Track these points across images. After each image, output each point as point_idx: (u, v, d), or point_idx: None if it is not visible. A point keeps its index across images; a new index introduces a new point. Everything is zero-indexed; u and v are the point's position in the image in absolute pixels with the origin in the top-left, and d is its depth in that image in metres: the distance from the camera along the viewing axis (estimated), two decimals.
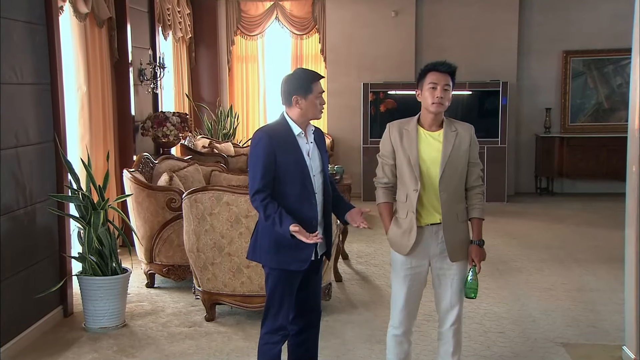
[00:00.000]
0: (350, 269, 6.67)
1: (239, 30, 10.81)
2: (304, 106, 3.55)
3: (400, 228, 3.64)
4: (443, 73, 3.55)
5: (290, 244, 3.50)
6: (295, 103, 3.55)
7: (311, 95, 3.54)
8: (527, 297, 5.76)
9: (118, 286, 5.01)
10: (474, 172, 3.68)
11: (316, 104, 3.57)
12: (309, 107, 3.56)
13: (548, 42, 10.49)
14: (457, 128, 3.63)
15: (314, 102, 3.56)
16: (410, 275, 3.66)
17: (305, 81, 3.55)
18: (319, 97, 3.59)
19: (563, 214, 9.36)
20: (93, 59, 6.63)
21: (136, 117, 7.55)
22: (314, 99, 3.55)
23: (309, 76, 3.59)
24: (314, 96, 3.55)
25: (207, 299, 5.13)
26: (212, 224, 4.89)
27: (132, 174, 5.99)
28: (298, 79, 3.57)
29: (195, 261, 5.06)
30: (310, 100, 3.55)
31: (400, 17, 10.44)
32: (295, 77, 3.59)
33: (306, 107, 3.55)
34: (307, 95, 3.54)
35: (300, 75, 3.59)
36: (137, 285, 6.07)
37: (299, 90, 3.54)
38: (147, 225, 5.89)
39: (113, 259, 5.01)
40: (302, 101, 3.54)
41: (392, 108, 10.09)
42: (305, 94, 3.54)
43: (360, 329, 5.05)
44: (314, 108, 3.58)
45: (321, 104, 3.61)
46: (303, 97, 3.54)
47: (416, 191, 3.56)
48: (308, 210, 3.58)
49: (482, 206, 3.69)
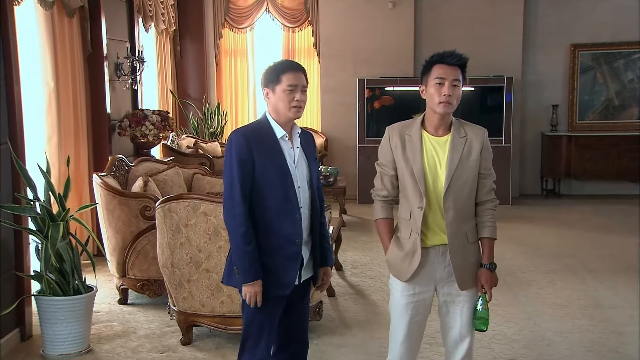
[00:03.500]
0: (344, 282, 6.15)
1: (226, 22, 10.36)
2: (273, 100, 3.11)
3: (402, 250, 3.14)
4: (452, 66, 3.03)
5: (269, 265, 3.09)
6: (266, 96, 3.14)
7: (278, 87, 3.07)
8: (540, 315, 5.23)
9: (81, 307, 4.48)
10: (486, 184, 3.17)
11: (284, 99, 3.07)
12: (278, 101, 3.10)
13: (555, 35, 10.07)
14: (467, 132, 3.12)
15: (281, 95, 3.07)
16: (412, 303, 3.16)
17: (274, 71, 3.11)
18: (292, 91, 3.07)
19: (572, 217, 8.85)
20: (62, 52, 6.09)
21: (112, 115, 7.01)
22: (281, 93, 3.07)
23: (278, 65, 3.15)
24: (281, 88, 3.07)
25: (183, 320, 4.63)
26: (188, 236, 4.41)
27: (102, 178, 5.44)
28: (269, 69, 3.15)
29: (169, 278, 4.57)
30: (278, 94, 3.08)
31: (398, 8, 9.98)
32: (268, 68, 3.16)
33: (275, 102, 3.11)
34: (275, 88, 3.09)
35: (273, 65, 3.16)
36: (108, 302, 5.54)
37: (268, 82, 3.12)
38: (119, 236, 5.37)
39: (75, 276, 4.48)
40: (271, 94, 3.12)
41: (390, 105, 9.67)
42: (273, 86, 3.09)
43: (354, 354, 4.54)
44: (282, 103, 3.08)
45: (295, 99, 3.08)
46: (272, 90, 3.11)
47: (421, 209, 3.06)
48: (290, 227, 3.12)
49: (494, 224, 3.19)
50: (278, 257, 3.12)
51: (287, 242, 3.11)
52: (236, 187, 3.04)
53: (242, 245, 3.06)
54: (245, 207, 3.04)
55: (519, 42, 10.00)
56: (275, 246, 3.12)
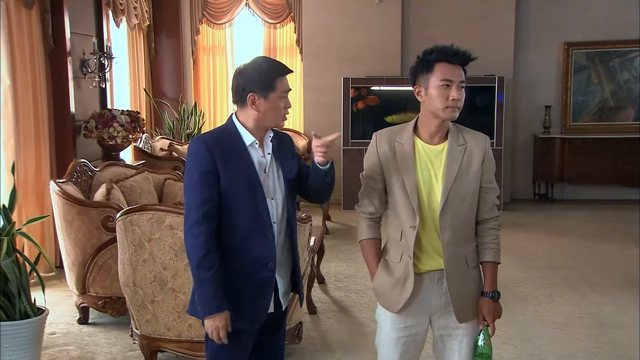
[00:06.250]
0: (326, 297, 5.70)
1: (204, 17, 9.89)
2: (263, 108, 2.65)
3: (392, 276, 2.72)
4: (457, 65, 2.64)
5: (237, 294, 2.67)
6: (252, 103, 2.64)
7: (273, 95, 2.64)
8: (540, 336, 4.81)
9: (29, 333, 4.00)
10: (488, 200, 2.74)
11: (279, 107, 2.67)
12: (269, 110, 2.65)
13: (548, 33, 9.74)
14: (467, 140, 2.70)
15: (276, 104, 2.65)
16: (404, 338, 2.74)
17: (268, 74, 2.63)
18: (284, 98, 2.67)
19: (566, 224, 8.46)
20: (20, 47, 5.63)
21: (77, 115, 6.53)
22: (276, 100, 2.65)
23: (273, 68, 2.67)
24: (277, 96, 2.64)
25: (147, 344, 4.16)
26: (152, 252, 3.96)
27: (60, 186, 4.95)
28: (258, 70, 2.65)
29: (131, 298, 4.11)
30: (272, 102, 2.64)
31: (385, 4, 9.59)
32: (255, 68, 2.66)
33: (265, 110, 2.65)
34: (269, 94, 2.63)
35: (262, 66, 2.66)
36: (67, 322, 5.07)
37: (258, 87, 2.63)
38: (78, 249, 4.90)
39: (22, 298, 3.98)
40: (260, 101, 2.64)
41: (376, 105, 9.26)
42: (265, 92, 2.63)
43: None
44: (275, 112, 2.67)
45: (286, 107, 2.69)
46: (262, 97, 2.63)
47: (414, 228, 2.63)
48: (261, 248, 2.69)
49: (498, 246, 2.76)
50: (247, 284, 2.69)
51: (257, 267, 2.68)
52: (197, 203, 2.61)
53: (202, 270, 2.62)
54: (207, 227, 2.61)
55: (510, 39, 9.68)
56: (243, 271, 2.69)
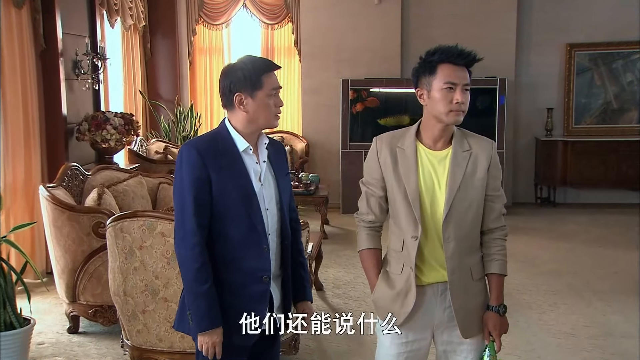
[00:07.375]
0: (324, 304, 5.57)
1: (201, 18, 9.75)
2: (252, 108, 2.51)
3: (393, 288, 2.58)
4: (461, 66, 2.52)
5: (230, 308, 2.53)
6: (239, 104, 2.52)
7: (260, 92, 2.50)
8: (544, 346, 4.67)
9: (14, 344, 3.91)
10: (495, 208, 2.60)
11: (269, 105, 2.53)
12: (258, 109, 2.52)
13: (550, 34, 9.63)
14: (472, 145, 2.56)
15: (265, 102, 2.52)
16: (405, 353, 2.61)
17: (253, 71, 2.50)
18: (274, 96, 2.53)
19: (569, 229, 8.33)
20: (9, 47, 5.51)
21: (70, 118, 6.40)
22: (265, 98, 2.51)
23: (258, 65, 2.53)
24: (264, 93, 2.51)
25: (138, 356, 4.03)
26: (143, 260, 3.84)
27: (50, 190, 4.80)
28: (242, 69, 2.52)
29: (122, 307, 3.98)
30: (260, 100, 2.51)
31: (384, 4, 9.46)
32: (239, 67, 2.53)
33: (254, 110, 2.52)
34: (255, 93, 2.50)
35: (246, 65, 2.53)
36: (56, 331, 4.92)
37: (244, 86, 2.50)
38: (68, 256, 4.76)
39: (8, 308, 3.86)
40: (248, 101, 2.51)
41: (375, 107, 9.11)
42: (252, 91, 2.50)
43: None
44: (265, 111, 2.53)
45: (277, 105, 2.55)
46: (249, 96, 2.50)
47: (416, 238, 2.50)
48: (255, 260, 2.56)
49: (505, 257, 2.62)
50: (241, 298, 2.56)
51: (252, 280, 2.55)
52: (189, 213, 2.48)
53: (196, 284, 2.49)
54: (201, 237, 2.48)
55: (512, 40, 9.56)
56: (237, 284, 2.56)
